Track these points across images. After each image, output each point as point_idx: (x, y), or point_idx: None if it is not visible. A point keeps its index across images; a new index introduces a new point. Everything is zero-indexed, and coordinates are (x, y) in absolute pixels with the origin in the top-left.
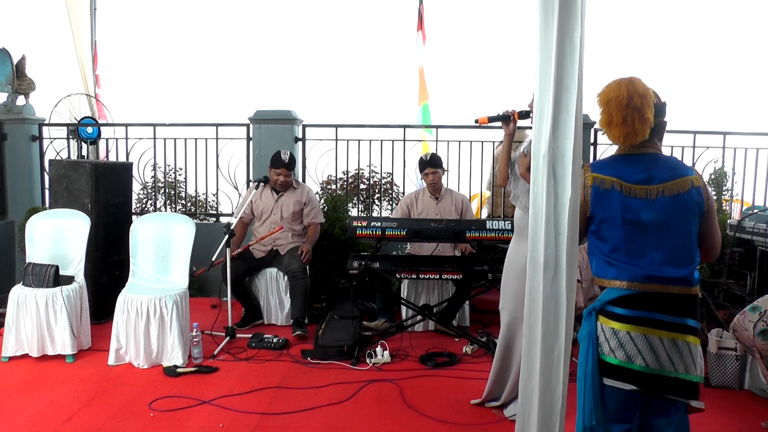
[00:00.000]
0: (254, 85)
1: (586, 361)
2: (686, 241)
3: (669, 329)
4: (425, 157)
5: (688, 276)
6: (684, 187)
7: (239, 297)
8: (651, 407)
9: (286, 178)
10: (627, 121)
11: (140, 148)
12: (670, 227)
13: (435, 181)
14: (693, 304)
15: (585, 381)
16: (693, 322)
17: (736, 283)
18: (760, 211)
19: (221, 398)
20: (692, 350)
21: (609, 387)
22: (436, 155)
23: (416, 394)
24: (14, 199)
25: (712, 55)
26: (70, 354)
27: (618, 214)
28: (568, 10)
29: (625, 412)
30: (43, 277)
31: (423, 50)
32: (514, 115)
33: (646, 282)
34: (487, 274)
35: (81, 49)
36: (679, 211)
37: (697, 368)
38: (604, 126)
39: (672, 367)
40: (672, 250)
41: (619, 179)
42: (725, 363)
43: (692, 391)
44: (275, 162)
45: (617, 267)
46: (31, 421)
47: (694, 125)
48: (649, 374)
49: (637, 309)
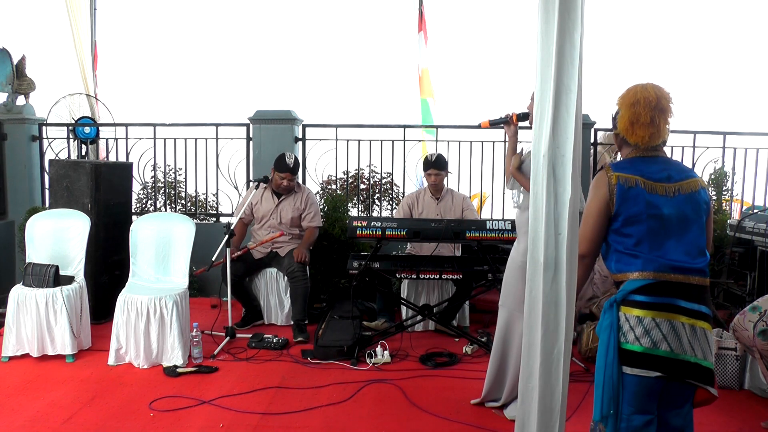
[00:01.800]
0: (254, 85)
1: (607, 350)
2: (700, 235)
3: (689, 315)
4: (430, 158)
5: (704, 267)
6: (695, 186)
7: (239, 297)
8: (666, 399)
9: (290, 183)
10: (654, 122)
11: (140, 148)
12: (688, 222)
13: (437, 182)
14: (708, 293)
15: (605, 370)
16: (707, 309)
17: (736, 283)
18: (760, 211)
19: (221, 398)
20: (708, 336)
21: (630, 377)
22: (441, 157)
23: (416, 394)
24: (14, 199)
25: (712, 55)
26: (70, 354)
27: (643, 210)
28: (568, 10)
29: (647, 402)
30: (43, 277)
31: (425, 50)
32: (513, 118)
33: (670, 272)
34: (487, 274)
35: (81, 49)
36: (693, 207)
37: (711, 354)
38: (627, 126)
39: (692, 353)
40: (690, 242)
41: (641, 177)
42: (725, 363)
43: (709, 377)
44: (280, 166)
45: (642, 259)
46: (31, 421)
47: (694, 125)
48: (673, 359)
49: (661, 296)
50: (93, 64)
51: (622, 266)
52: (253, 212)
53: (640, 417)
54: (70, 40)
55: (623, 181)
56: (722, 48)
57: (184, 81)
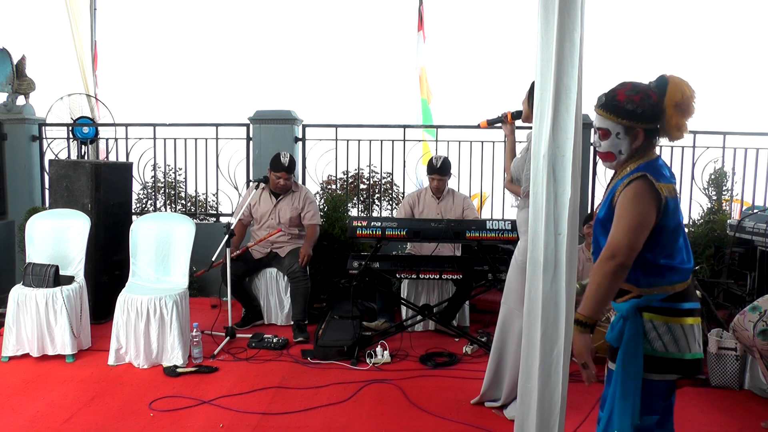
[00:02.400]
0: (254, 85)
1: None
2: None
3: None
4: (435, 162)
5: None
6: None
7: (239, 297)
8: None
9: (286, 182)
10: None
11: (140, 148)
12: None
13: (440, 187)
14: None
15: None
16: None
17: (736, 283)
18: (760, 211)
19: (221, 398)
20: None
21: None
22: (447, 163)
23: (416, 394)
24: (14, 199)
25: (712, 55)
26: (70, 354)
27: (680, 221)
28: (568, 10)
29: (659, 403)
30: (43, 277)
31: (424, 50)
32: (508, 116)
33: (690, 276)
34: (487, 274)
35: (81, 49)
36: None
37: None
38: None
39: (698, 349)
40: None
41: (670, 184)
42: (725, 363)
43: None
44: (275, 165)
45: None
46: (31, 421)
47: (694, 125)
48: (689, 360)
49: (687, 301)
50: (93, 64)
51: (658, 279)
52: (252, 213)
53: (652, 418)
54: (70, 40)
55: (667, 192)
56: (722, 48)
57: (184, 81)
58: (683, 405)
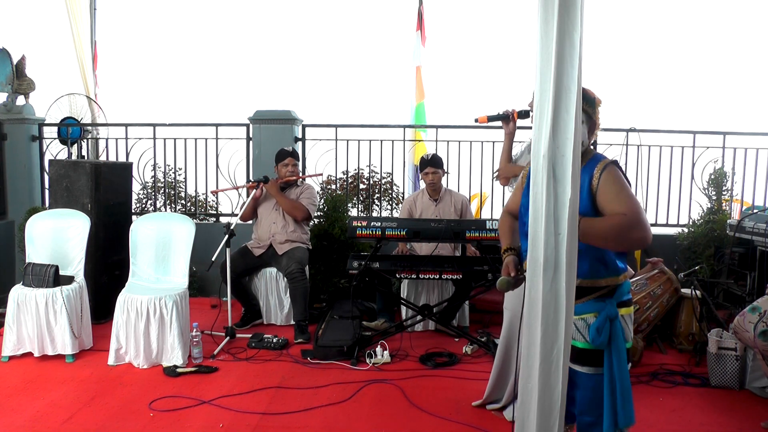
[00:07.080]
0: (254, 85)
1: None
2: None
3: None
4: (426, 157)
5: None
6: None
7: (238, 296)
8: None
9: (294, 167)
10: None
11: (140, 148)
12: None
13: (434, 181)
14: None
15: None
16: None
17: (736, 283)
18: (760, 211)
19: (221, 398)
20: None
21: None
22: (437, 156)
23: (416, 394)
24: (14, 199)
25: (711, 55)
26: (70, 354)
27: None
28: (568, 11)
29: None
30: (43, 277)
31: (422, 50)
32: (514, 115)
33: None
34: (487, 274)
35: (81, 49)
36: None
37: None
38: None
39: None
40: None
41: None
42: (725, 363)
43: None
44: (281, 155)
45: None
46: (31, 421)
47: (694, 125)
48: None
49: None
50: (93, 64)
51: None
52: (256, 209)
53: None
54: (70, 40)
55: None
56: (722, 48)
57: (184, 81)
58: (683, 405)
